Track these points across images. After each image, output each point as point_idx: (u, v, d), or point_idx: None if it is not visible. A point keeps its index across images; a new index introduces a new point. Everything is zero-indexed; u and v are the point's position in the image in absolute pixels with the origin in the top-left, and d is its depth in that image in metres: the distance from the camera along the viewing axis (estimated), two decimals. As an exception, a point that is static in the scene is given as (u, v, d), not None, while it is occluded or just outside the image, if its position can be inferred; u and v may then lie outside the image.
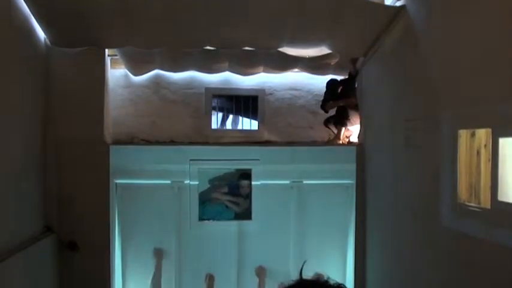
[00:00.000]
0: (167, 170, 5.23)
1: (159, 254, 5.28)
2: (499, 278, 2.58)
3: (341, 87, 5.47)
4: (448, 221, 3.12)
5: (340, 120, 5.43)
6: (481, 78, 2.80)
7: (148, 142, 5.33)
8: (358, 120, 5.23)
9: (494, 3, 2.71)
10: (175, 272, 5.35)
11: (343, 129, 5.45)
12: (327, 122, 5.55)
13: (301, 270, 1.41)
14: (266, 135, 5.77)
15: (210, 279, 5.32)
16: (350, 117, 5.33)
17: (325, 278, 1.36)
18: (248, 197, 5.43)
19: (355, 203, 5.04)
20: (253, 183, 5.40)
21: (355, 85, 5.31)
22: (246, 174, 5.41)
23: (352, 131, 5.45)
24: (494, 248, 2.60)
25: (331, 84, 5.51)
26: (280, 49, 4.85)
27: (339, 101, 5.42)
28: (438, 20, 3.38)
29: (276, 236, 5.43)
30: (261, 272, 5.39)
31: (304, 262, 1.48)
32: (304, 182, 5.46)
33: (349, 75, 5.46)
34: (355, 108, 5.23)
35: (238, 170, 5.44)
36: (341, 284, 1.32)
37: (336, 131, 5.49)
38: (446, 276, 3.17)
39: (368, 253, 4.88)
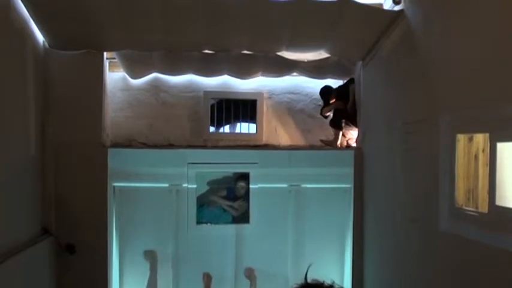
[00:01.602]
0: (165, 173, 5.23)
1: (152, 256, 5.27)
2: (497, 281, 2.58)
3: (335, 93, 5.50)
4: (446, 225, 3.12)
5: (335, 123, 5.46)
6: (479, 83, 2.81)
7: (147, 145, 5.33)
8: (354, 125, 5.27)
9: (492, 6, 2.72)
10: (172, 275, 5.33)
11: (340, 133, 5.46)
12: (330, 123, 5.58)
13: (306, 273, 1.42)
14: (264, 139, 5.77)
15: (208, 278, 5.31)
16: (344, 121, 5.36)
17: (330, 282, 1.37)
18: (246, 200, 5.43)
19: (353, 207, 5.04)
20: (251, 186, 5.39)
21: (346, 90, 5.41)
22: (244, 178, 5.41)
23: (353, 136, 5.45)
24: (492, 252, 2.60)
25: (324, 91, 5.54)
26: (279, 53, 4.85)
27: (330, 105, 5.46)
28: (436, 24, 3.39)
29: (273, 239, 5.43)
30: (250, 273, 5.38)
31: (310, 265, 1.49)
32: (302, 185, 5.47)
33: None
34: (347, 112, 5.28)
35: (236, 174, 5.44)
36: None
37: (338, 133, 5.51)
38: (444, 280, 3.17)
39: (366, 257, 4.88)
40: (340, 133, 5.45)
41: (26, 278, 3.70)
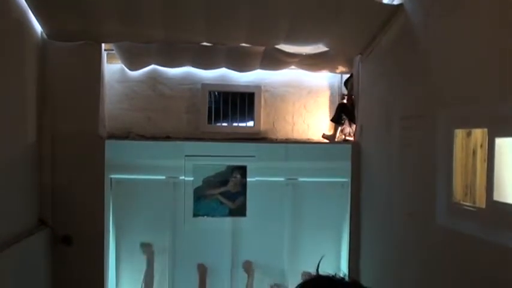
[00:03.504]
0: (162, 165, 5.23)
1: (148, 249, 5.28)
2: (493, 277, 2.60)
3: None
4: (443, 220, 3.13)
5: (335, 118, 5.48)
6: (478, 78, 2.81)
7: (144, 137, 5.32)
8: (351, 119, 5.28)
9: (492, 2, 2.72)
10: (168, 267, 5.35)
11: (339, 128, 5.47)
12: None
13: (318, 266, 1.43)
14: (262, 132, 5.77)
15: (202, 269, 5.33)
16: (345, 117, 5.38)
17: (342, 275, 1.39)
18: (243, 193, 5.43)
19: (349, 201, 5.06)
20: (248, 179, 5.40)
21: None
22: (241, 171, 5.41)
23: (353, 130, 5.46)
24: (489, 247, 2.61)
25: (345, 81, 5.65)
26: (277, 46, 4.84)
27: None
28: (436, 18, 3.39)
29: (270, 232, 5.44)
30: (248, 266, 5.40)
31: (322, 257, 1.49)
32: (300, 179, 5.47)
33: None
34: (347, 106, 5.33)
35: (233, 167, 5.44)
36: (357, 281, 1.34)
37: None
38: (441, 275, 3.18)
39: (362, 251, 4.90)
40: (339, 128, 5.47)
41: (22, 269, 3.70)
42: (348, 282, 1.34)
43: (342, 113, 5.41)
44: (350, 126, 5.43)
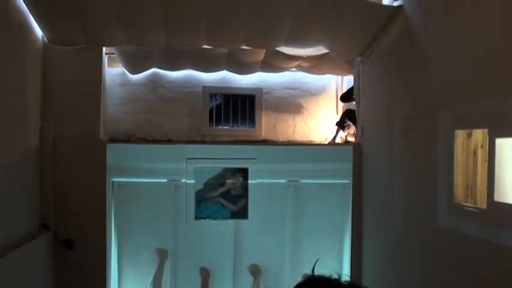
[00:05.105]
0: (164, 168, 5.23)
1: (162, 253, 5.28)
2: (495, 277, 2.59)
3: None
4: (444, 221, 3.13)
5: (339, 122, 5.49)
6: (478, 79, 2.81)
7: (145, 140, 5.33)
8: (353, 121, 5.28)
9: (492, 2, 2.72)
10: (171, 270, 5.35)
11: (340, 131, 5.48)
12: None
13: (313, 267, 1.42)
14: (263, 134, 5.78)
15: (205, 272, 5.32)
16: (348, 122, 5.38)
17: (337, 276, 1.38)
18: (244, 196, 5.43)
19: (351, 203, 5.05)
20: (249, 182, 5.40)
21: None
22: (243, 173, 5.41)
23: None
24: (491, 248, 2.61)
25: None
26: (278, 48, 4.85)
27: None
28: (435, 19, 3.39)
29: (272, 235, 5.45)
30: (255, 270, 5.40)
31: (317, 260, 1.48)
32: (301, 181, 5.48)
33: None
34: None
35: (234, 169, 5.44)
36: (353, 282, 1.33)
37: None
38: (443, 276, 3.18)
39: (364, 252, 4.89)
40: (340, 131, 5.48)
41: (25, 272, 3.70)
42: (344, 283, 1.33)
43: (346, 118, 5.40)
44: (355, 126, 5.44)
